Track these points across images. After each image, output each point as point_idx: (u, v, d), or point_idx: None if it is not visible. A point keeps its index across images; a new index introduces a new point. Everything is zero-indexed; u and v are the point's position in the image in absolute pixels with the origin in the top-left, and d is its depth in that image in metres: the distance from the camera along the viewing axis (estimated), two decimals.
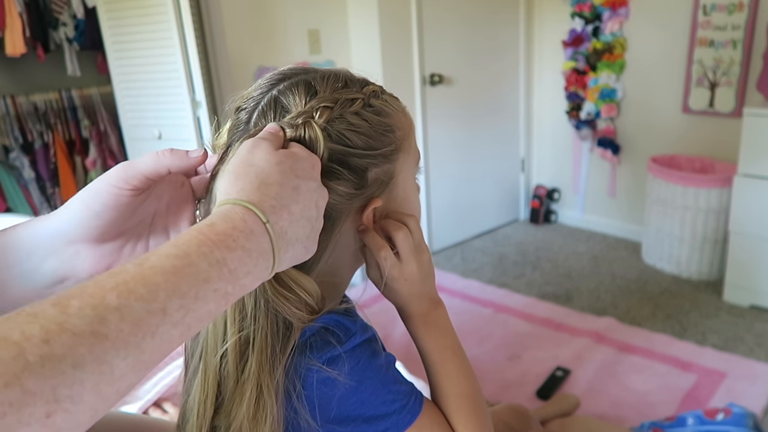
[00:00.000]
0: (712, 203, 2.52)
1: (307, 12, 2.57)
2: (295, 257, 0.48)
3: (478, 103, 3.16)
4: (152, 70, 2.24)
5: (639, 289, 2.61)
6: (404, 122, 0.59)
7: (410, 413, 0.57)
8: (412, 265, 0.60)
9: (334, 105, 0.53)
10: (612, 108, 3.03)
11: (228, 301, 0.41)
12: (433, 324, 0.63)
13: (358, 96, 0.55)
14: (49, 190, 2.83)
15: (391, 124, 0.57)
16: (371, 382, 0.56)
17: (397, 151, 0.58)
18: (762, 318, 2.28)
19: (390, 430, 0.56)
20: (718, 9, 2.56)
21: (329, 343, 0.55)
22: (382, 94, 0.58)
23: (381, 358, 0.58)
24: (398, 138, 0.58)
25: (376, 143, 0.55)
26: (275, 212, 0.45)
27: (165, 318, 0.36)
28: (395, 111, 0.58)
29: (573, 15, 3.05)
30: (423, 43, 2.80)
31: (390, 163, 0.57)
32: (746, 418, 1.43)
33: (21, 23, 2.52)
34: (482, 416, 0.61)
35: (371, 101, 0.56)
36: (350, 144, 0.54)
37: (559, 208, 3.50)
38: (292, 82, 0.56)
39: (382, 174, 0.57)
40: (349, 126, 0.54)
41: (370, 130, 0.55)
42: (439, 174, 3.05)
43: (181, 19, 2.06)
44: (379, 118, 0.56)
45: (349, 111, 0.54)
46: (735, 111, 2.60)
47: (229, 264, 0.40)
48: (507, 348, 2.17)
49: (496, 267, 2.93)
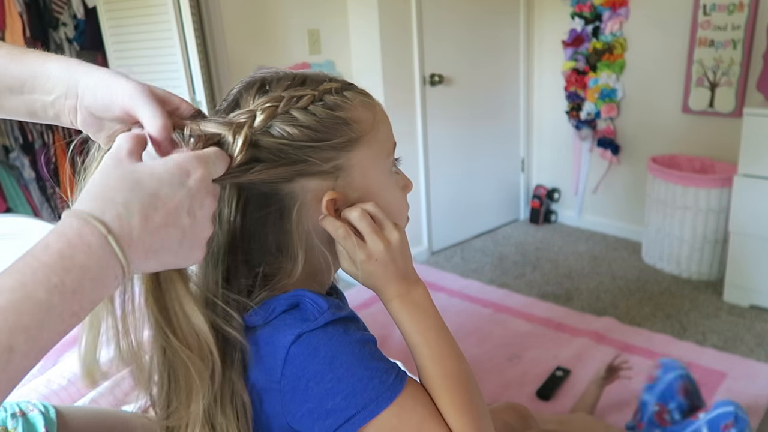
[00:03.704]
0: (712, 203, 2.52)
1: (307, 12, 2.57)
2: (163, 265, 0.48)
3: (478, 103, 3.16)
4: (153, 70, 2.24)
5: (639, 289, 2.61)
6: (367, 116, 0.60)
7: (390, 390, 0.56)
8: (378, 245, 0.60)
9: (278, 103, 0.56)
10: (612, 108, 3.03)
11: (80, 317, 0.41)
12: (414, 304, 0.62)
13: (307, 93, 0.57)
14: (50, 190, 2.83)
15: (345, 117, 0.58)
16: (346, 357, 0.55)
17: (352, 143, 0.59)
18: (762, 318, 2.28)
19: (369, 407, 0.55)
20: (718, 9, 2.56)
21: (301, 320, 0.56)
22: (342, 91, 0.60)
23: (356, 334, 0.58)
24: (356, 130, 0.59)
25: (324, 135, 0.57)
26: (120, 219, 0.43)
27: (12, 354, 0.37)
28: (354, 106, 0.59)
29: (573, 15, 3.05)
30: (423, 44, 2.80)
31: (342, 153, 0.58)
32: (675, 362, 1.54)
33: (21, 23, 2.52)
34: (471, 397, 0.60)
35: (324, 97, 0.58)
36: (290, 137, 0.56)
37: (559, 208, 3.50)
38: (249, 83, 0.59)
39: (330, 165, 0.58)
40: (292, 120, 0.56)
41: (316, 124, 0.57)
42: (439, 174, 3.05)
43: (181, 19, 2.06)
44: (331, 112, 0.58)
45: (295, 107, 0.56)
46: (735, 111, 2.60)
47: (69, 285, 0.40)
48: (507, 348, 2.17)
49: (496, 267, 2.93)
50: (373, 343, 0.60)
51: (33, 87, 0.56)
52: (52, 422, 0.84)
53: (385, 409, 0.55)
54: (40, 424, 0.83)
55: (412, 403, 0.57)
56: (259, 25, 2.44)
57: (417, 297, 0.62)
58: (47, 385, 1.13)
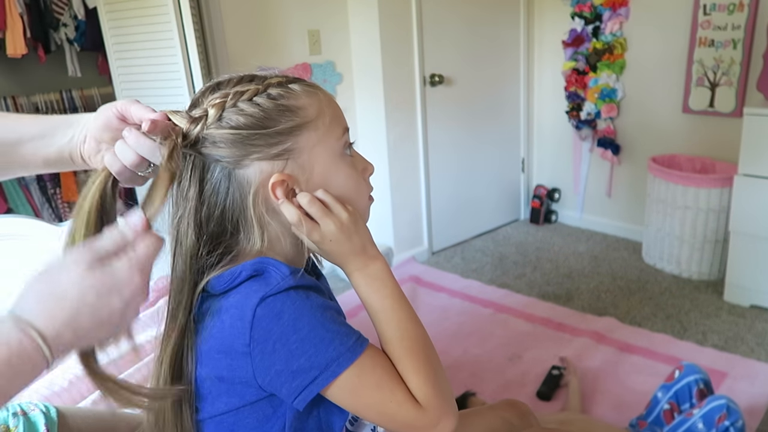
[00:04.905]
0: (713, 203, 2.52)
1: (307, 12, 2.57)
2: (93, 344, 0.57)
3: (478, 104, 3.16)
4: (153, 71, 2.24)
5: (639, 289, 2.61)
6: (311, 103, 0.66)
7: (351, 352, 0.60)
8: (330, 225, 0.65)
9: (225, 99, 0.63)
10: (612, 108, 3.03)
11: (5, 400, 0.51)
12: (372, 276, 0.67)
13: (250, 87, 0.64)
14: (50, 191, 2.84)
15: (288, 105, 0.65)
16: (308, 320, 0.59)
17: (299, 128, 0.65)
18: (763, 318, 2.28)
19: (331, 367, 0.59)
20: (719, 9, 2.56)
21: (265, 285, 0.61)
22: (287, 84, 0.66)
23: (318, 299, 0.63)
24: (301, 116, 0.65)
25: (269, 123, 0.63)
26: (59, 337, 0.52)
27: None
28: (297, 95, 0.66)
29: (573, 15, 3.05)
30: (423, 44, 2.80)
31: (289, 138, 0.64)
32: (697, 366, 1.57)
33: (22, 24, 2.52)
34: (427, 357, 0.64)
35: (269, 90, 0.65)
36: (237, 125, 0.63)
37: (560, 208, 3.50)
38: (206, 87, 0.67)
39: (279, 149, 0.64)
40: (239, 111, 0.63)
41: (260, 113, 0.63)
42: (440, 174, 3.05)
43: (181, 20, 2.06)
44: (274, 102, 0.64)
45: (240, 100, 0.63)
46: (735, 111, 2.60)
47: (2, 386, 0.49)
48: (507, 348, 2.17)
49: (496, 267, 2.93)
50: (336, 310, 0.65)
51: (54, 133, 0.69)
52: (53, 422, 0.84)
53: (346, 369, 0.59)
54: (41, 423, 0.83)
55: (371, 364, 0.61)
56: (260, 26, 2.45)
57: (375, 270, 0.68)
58: (49, 387, 1.13)
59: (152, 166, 0.65)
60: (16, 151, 0.69)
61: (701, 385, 1.52)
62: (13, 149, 0.69)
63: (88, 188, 0.62)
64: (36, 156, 0.69)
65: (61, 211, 2.84)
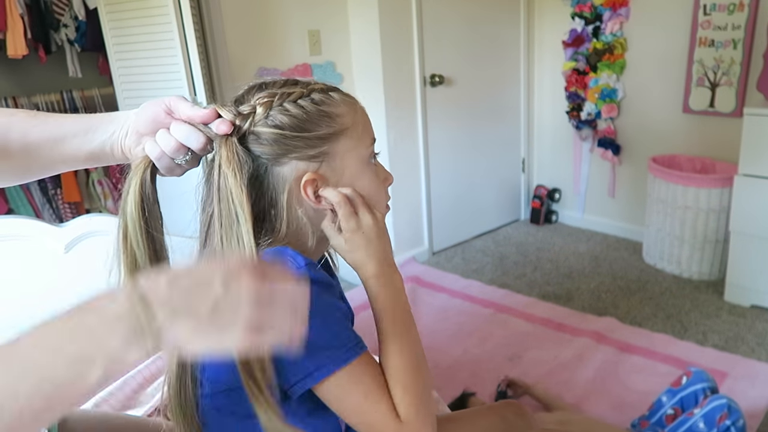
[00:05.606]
0: (713, 203, 2.52)
1: (307, 13, 2.57)
2: None
3: (478, 104, 3.16)
4: (153, 71, 2.24)
5: (640, 289, 2.61)
6: (350, 113, 0.71)
7: (346, 354, 0.62)
8: (368, 218, 0.69)
9: (272, 98, 0.67)
10: (612, 108, 3.03)
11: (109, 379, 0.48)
12: (391, 285, 0.70)
13: (296, 90, 0.68)
14: (51, 191, 2.83)
15: (329, 112, 0.69)
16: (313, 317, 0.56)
17: (336, 135, 0.69)
18: (763, 318, 2.28)
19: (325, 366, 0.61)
20: (719, 9, 2.56)
21: None
22: (329, 92, 0.70)
23: (327, 299, 0.65)
24: (338, 123, 0.69)
25: (310, 126, 0.67)
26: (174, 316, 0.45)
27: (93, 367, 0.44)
28: (337, 103, 0.70)
29: (573, 15, 3.05)
30: (423, 44, 2.80)
31: (326, 143, 0.68)
32: (704, 373, 1.54)
33: (22, 25, 2.52)
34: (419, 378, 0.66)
35: (313, 95, 0.69)
36: (281, 125, 0.66)
37: (560, 209, 3.50)
38: (251, 87, 0.71)
39: (317, 151, 0.68)
40: (283, 111, 0.67)
41: (303, 115, 0.67)
42: (440, 174, 3.05)
43: (182, 21, 2.07)
44: (317, 107, 0.68)
45: (287, 101, 0.67)
46: (735, 111, 2.60)
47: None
48: (507, 348, 2.17)
49: (496, 267, 2.93)
50: (341, 312, 0.67)
51: (96, 129, 0.72)
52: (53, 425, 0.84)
53: (338, 370, 0.61)
54: None
55: (363, 371, 0.63)
56: (260, 26, 2.45)
57: (395, 280, 0.70)
58: None
59: (190, 154, 0.67)
60: (59, 148, 0.72)
61: (708, 393, 1.50)
62: (56, 146, 0.72)
63: (129, 180, 0.65)
64: (79, 151, 0.72)
65: (62, 212, 2.84)
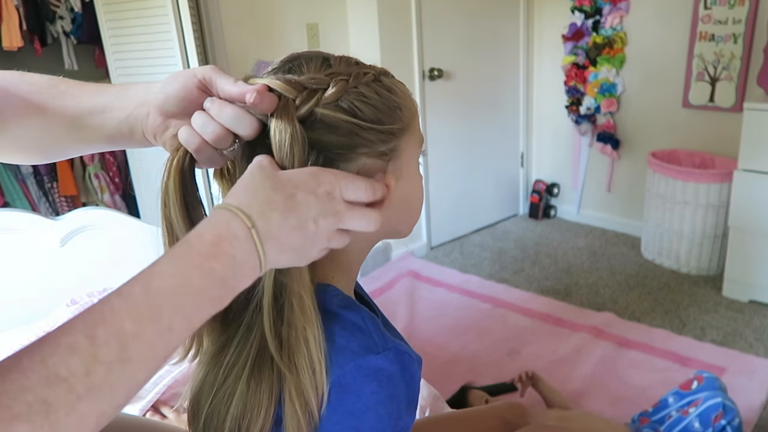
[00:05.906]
0: (712, 198, 2.51)
1: (305, 5, 2.55)
2: (289, 262, 0.50)
3: (477, 98, 3.15)
4: (150, 64, 2.22)
5: (638, 284, 2.61)
6: (411, 104, 0.60)
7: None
8: None
9: (349, 77, 0.54)
10: (612, 103, 3.02)
11: (223, 303, 0.46)
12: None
13: (370, 71, 0.56)
14: (47, 185, 2.82)
15: (399, 103, 0.58)
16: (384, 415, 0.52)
17: (404, 130, 0.58)
18: (761, 313, 2.28)
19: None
20: (719, 3, 2.55)
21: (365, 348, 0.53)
22: (391, 76, 0.60)
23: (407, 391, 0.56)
24: (405, 117, 0.58)
25: (385, 118, 0.56)
26: (264, 216, 0.47)
27: (172, 333, 0.42)
28: (404, 93, 0.60)
29: (573, 9, 3.04)
30: (422, 38, 2.79)
31: (395, 138, 0.57)
32: (717, 381, 1.50)
33: (18, 16, 2.50)
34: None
35: (381, 78, 0.57)
36: (360, 116, 0.54)
37: (559, 203, 3.49)
38: (306, 57, 0.57)
39: (387, 147, 0.57)
40: (361, 97, 0.54)
41: (380, 104, 0.55)
42: (439, 169, 3.04)
43: (179, 13, 2.05)
44: (390, 95, 0.57)
45: (362, 82, 0.54)
46: (735, 106, 2.59)
47: (218, 273, 0.44)
48: (506, 343, 2.16)
49: (495, 262, 2.92)
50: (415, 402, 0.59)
51: (112, 107, 0.60)
52: None
53: None
54: None
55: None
56: (258, 19, 2.43)
57: None
58: None
59: (237, 143, 0.55)
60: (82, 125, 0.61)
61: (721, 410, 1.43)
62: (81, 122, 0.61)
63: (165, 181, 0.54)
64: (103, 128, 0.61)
65: (58, 206, 2.83)
